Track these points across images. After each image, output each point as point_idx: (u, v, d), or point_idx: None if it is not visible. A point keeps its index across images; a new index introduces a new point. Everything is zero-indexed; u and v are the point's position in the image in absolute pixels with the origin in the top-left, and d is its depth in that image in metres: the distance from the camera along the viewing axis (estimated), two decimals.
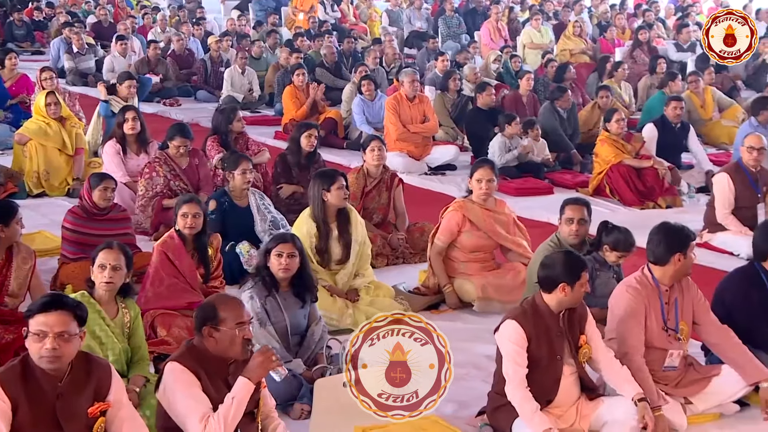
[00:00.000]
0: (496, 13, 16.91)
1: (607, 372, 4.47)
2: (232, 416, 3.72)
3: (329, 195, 6.02)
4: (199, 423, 3.69)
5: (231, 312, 3.85)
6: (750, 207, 7.17)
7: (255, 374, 3.79)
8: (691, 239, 4.66)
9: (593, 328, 4.47)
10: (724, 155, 10.13)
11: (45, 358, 3.46)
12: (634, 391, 4.33)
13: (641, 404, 4.28)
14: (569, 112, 10.35)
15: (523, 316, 4.33)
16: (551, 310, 4.35)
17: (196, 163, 7.72)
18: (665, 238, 4.64)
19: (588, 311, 4.50)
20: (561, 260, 4.40)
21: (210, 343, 3.85)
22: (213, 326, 3.83)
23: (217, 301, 3.95)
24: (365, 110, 10.92)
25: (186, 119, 11.51)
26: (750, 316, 4.81)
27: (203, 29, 17.07)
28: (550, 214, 8.08)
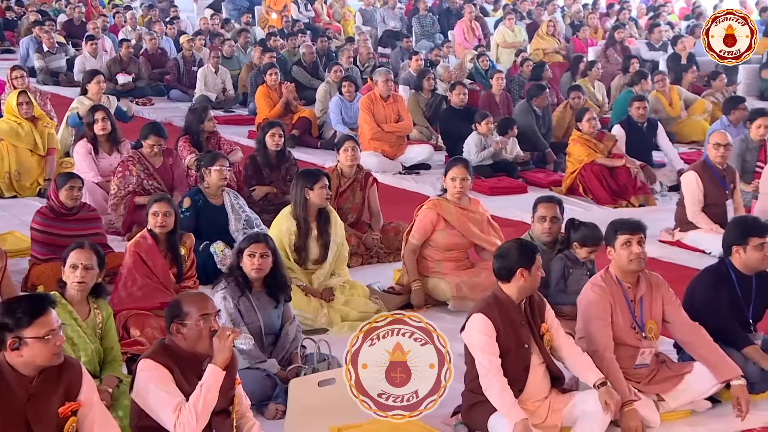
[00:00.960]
0: (469, 13, 16.95)
1: (568, 359, 4.51)
2: (203, 404, 3.72)
3: (312, 194, 6.01)
4: (173, 414, 3.70)
5: (194, 305, 3.87)
6: (719, 204, 7.23)
7: (219, 357, 3.80)
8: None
9: (552, 316, 4.54)
10: (696, 153, 10.21)
11: (57, 355, 3.52)
12: (596, 376, 4.36)
13: (603, 389, 4.31)
14: (544, 110, 10.39)
15: (488, 308, 4.36)
16: (512, 301, 4.40)
17: (170, 163, 7.68)
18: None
19: (545, 300, 4.57)
20: (514, 247, 4.49)
21: (179, 339, 3.86)
22: (179, 322, 3.86)
23: (181, 298, 3.98)
24: (343, 110, 10.91)
25: (159, 118, 11.44)
26: (720, 314, 4.84)
27: (176, 28, 16.98)
28: (524, 212, 8.10)
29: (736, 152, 8.02)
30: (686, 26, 18.20)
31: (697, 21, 18.16)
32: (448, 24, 18.04)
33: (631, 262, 4.64)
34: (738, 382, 4.62)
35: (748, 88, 13.12)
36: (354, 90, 10.97)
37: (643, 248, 4.67)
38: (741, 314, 4.93)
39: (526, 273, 4.36)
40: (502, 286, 4.43)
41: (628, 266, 4.65)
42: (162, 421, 3.76)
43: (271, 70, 11.51)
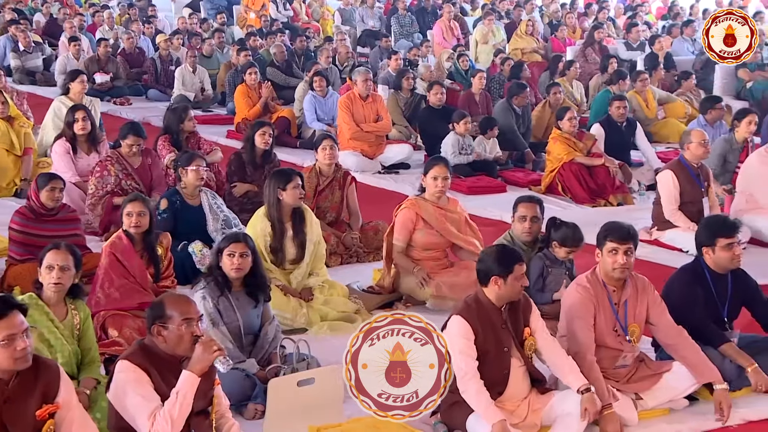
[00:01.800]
0: (448, 12, 16.97)
1: (553, 363, 4.51)
2: (178, 411, 3.69)
3: (285, 194, 6.00)
4: (147, 420, 3.68)
5: (178, 309, 3.83)
6: (695, 202, 7.28)
7: (197, 366, 3.76)
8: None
9: (538, 319, 4.52)
10: (673, 153, 10.26)
11: (21, 359, 3.44)
12: (579, 382, 4.36)
13: (586, 395, 4.32)
14: (523, 110, 10.42)
15: (467, 311, 4.36)
16: (493, 304, 4.39)
17: (149, 163, 7.64)
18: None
19: (532, 304, 4.55)
20: (493, 253, 4.48)
21: (159, 341, 3.83)
22: (161, 324, 3.82)
23: (165, 299, 3.94)
24: (317, 107, 10.91)
25: (137, 118, 11.35)
26: (696, 313, 4.86)
27: (154, 27, 16.90)
28: (503, 212, 8.13)
29: (717, 152, 8.08)
30: (663, 26, 18.31)
31: (674, 21, 18.27)
32: (426, 23, 18.05)
33: (614, 271, 4.65)
34: (721, 387, 4.64)
35: (724, 87, 13.20)
36: (326, 85, 10.96)
37: (629, 258, 4.64)
38: (716, 312, 4.96)
39: (500, 281, 4.35)
40: (483, 288, 4.43)
41: (612, 273, 4.66)
42: (137, 426, 3.73)
43: (250, 69, 11.47)
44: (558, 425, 4.36)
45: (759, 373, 4.76)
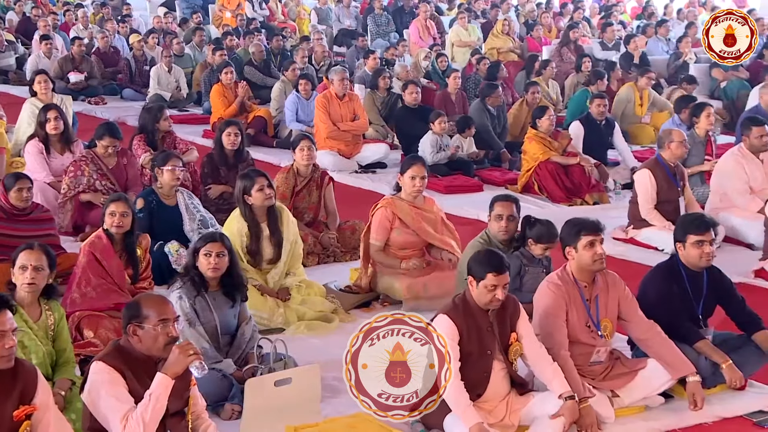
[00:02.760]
0: (424, 12, 16.98)
1: (537, 368, 4.51)
2: (151, 413, 3.66)
3: (251, 198, 5.99)
4: (120, 422, 3.65)
5: (154, 309, 3.80)
6: (672, 201, 7.33)
7: (171, 369, 3.74)
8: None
9: (526, 324, 4.51)
10: (649, 152, 10.33)
11: (5, 358, 3.45)
12: (562, 388, 4.37)
13: (567, 402, 4.33)
14: (499, 109, 10.44)
15: (454, 311, 4.36)
16: (479, 306, 4.38)
17: (125, 163, 7.60)
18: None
19: (521, 308, 4.54)
20: (476, 255, 4.51)
21: (135, 341, 3.81)
22: (137, 324, 3.79)
23: (141, 299, 3.91)
24: (299, 108, 10.90)
25: (112, 118, 11.32)
26: (671, 310, 4.89)
27: (129, 27, 16.81)
28: (480, 211, 8.15)
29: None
30: (638, 26, 18.42)
31: (649, 21, 18.39)
32: (403, 23, 18.06)
33: (595, 263, 4.67)
34: (693, 379, 4.68)
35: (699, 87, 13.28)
36: (311, 88, 10.95)
37: (603, 249, 4.71)
38: (691, 310, 4.98)
39: (474, 283, 4.37)
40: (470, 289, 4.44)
41: (592, 266, 4.68)
42: (110, 428, 3.71)
43: (226, 69, 11.43)
44: (536, 426, 4.37)
45: (733, 370, 4.79)
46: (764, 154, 7.61)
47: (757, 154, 7.59)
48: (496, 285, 4.32)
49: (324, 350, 5.49)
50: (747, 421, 4.74)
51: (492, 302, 4.35)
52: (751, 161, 7.57)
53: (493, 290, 4.32)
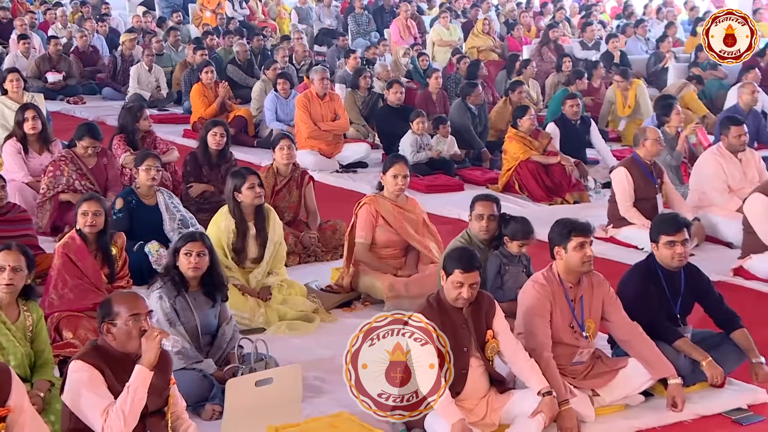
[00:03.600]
0: (405, 11, 16.99)
1: (515, 365, 4.52)
2: (130, 405, 3.66)
3: (241, 195, 5.98)
4: (100, 417, 3.65)
5: (125, 304, 3.81)
6: (649, 199, 7.36)
7: (146, 357, 3.74)
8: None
9: (502, 322, 4.52)
10: (628, 151, 10.37)
11: None
12: (540, 384, 4.38)
13: (546, 398, 4.34)
14: (480, 109, 10.46)
15: (429, 309, 4.36)
16: (453, 305, 4.39)
17: (105, 163, 7.56)
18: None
19: (496, 306, 4.55)
20: (451, 251, 4.53)
21: (109, 339, 3.81)
22: (109, 321, 3.80)
23: (113, 297, 3.92)
24: (278, 108, 10.88)
25: (91, 117, 11.26)
26: (649, 310, 4.90)
27: (107, 26, 16.72)
28: (461, 210, 8.15)
29: None
30: (617, 25, 18.49)
31: (628, 20, 18.46)
32: (383, 22, 18.06)
33: (584, 264, 4.68)
34: (674, 381, 4.70)
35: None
36: (289, 87, 10.94)
37: (592, 251, 4.72)
38: (669, 309, 5.00)
39: (444, 278, 4.39)
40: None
41: (581, 268, 4.69)
42: (92, 424, 3.70)
43: (207, 68, 11.40)
44: (517, 425, 4.38)
45: (714, 367, 4.81)
46: (743, 153, 7.66)
47: (736, 154, 7.63)
48: (462, 282, 4.33)
49: (305, 350, 5.48)
50: (726, 418, 4.77)
51: (458, 299, 4.36)
52: (730, 160, 7.62)
53: (459, 287, 4.33)
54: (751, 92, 9.44)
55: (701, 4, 20.74)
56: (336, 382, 5.05)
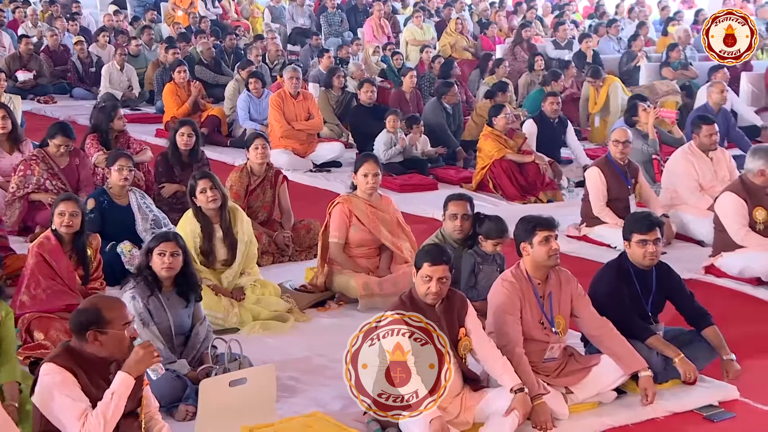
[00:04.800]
0: (378, 10, 16.99)
1: (487, 363, 4.53)
2: (112, 412, 3.64)
3: (197, 200, 5.95)
4: (77, 421, 3.61)
5: (117, 313, 3.78)
6: (622, 199, 7.42)
7: (135, 369, 3.72)
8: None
9: (474, 320, 4.53)
10: (602, 150, 10.43)
11: None
12: (513, 382, 4.40)
13: (518, 395, 4.36)
14: (454, 108, 10.48)
15: (402, 307, 4.36)
16: (425, 301, 4.40)
17: (77, 163, 7.50)
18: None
19: (468, 304, 4.56)
20: (424, 246, 4.55)
21: (95, 346, 3.75)
22: (99, 330, 3.74)
23: (100, 304, 3.84)
24: (251, 107, 10.86)
25: (63, 117, 11.18)
26: (621, 308, 4.93)
27: (78, 25, 16.59)
28: (435, 209, 8.17)
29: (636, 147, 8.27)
30: (589, 25, 18.59)
31: (600, 20, 18.56)
32: (357, 21, 18.05)
33: (550, 258, 4.70)
34: (645, 374, 4.73)
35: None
36: (261, 86, 10.91)
37: (557, 244, 4.75)
38: (641, 307, 5.03)
39: (414, 273, 4.40)
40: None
41: (547, 262, 4.71)
42: (65, 428, 3.66)
43: (179, 68, 11.34)
44: (491, 423, 4.39)
45: (686, 363, 4.85)
46: (713, 152, 7.73)
47: (707, 153, 7.70)
48: (431, 276, 4.34)
49: (279, 350, 5.47)
50: (697, 415, 4.81)
51: (427, 294, 4.36)
52: (701, 159, 7.68)
53: (428, 281, 4.35)
54: (720, 91, 9.52)
55: (672, 4, 20.89)
56: (310, 382, 5.07)
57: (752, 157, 6.63)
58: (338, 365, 5.26)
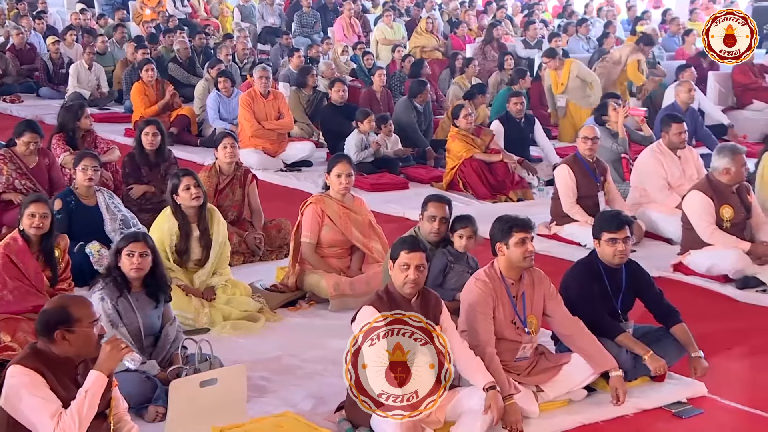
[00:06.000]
0: (349, 10, 16.98)
1: (460, 362, 4.53)
2: (86, 410, 3.61)
3: (178, 198, 5.92)
4: (51, 420, 3.58)
5: (84, 311, 3.74)
6: (591, 196, 7.47)
7: (106, 365, 3.69)
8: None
9: (448, 319, 4.53)
10: (571, 148, 10.47)
11: None
12: (485, 380, 4.41)
13: (490, 393, 4.36)
14: (425, 107, 10.50)
15: (379, 302, 4.36)
16: (403, 296, 4.40)
17: (47, 164, 7.42)
18: None
19: (443, 304, 4.56)
20: (394, 242, 4.53)
21: (63, 346, 3.71)
22: (67, 329, 3.70)
23: (67, 303, 3.81)
24: (221, 106, 10.82)
25: (29, 116, 11.02)
26: (591, 306, 4.95)
27: (45, 23, 16.43)
28: (406, 208, 8.20)
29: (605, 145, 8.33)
30: (558, 24, 18.68)
31: (569, 19, 18.67)
32: (327, 20, 18.02)
33: (525, 260, 4.71)
34: (616, 374, 4.76)
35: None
36: (231, 85, 10.88)
37: (533, 246, 4.76)
38: (611, 305, 5.06)
39: (391, 266, 4.40)
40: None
41: (522, 263, 4.72)
42: (36, 428, 3.62)
43: (147, 66, 11.26)
44: (462, 422, 4.39)
45: (656, 359, 4.88)
46: (682, 150, 7.79)
47: (675, 151, 7.76)
48: (409, 264, 4.35)
49: (250, 350, 5.45)
50: (666, 412, 4.85)
51: (406, 283, 4.36)
52: (669, 158, 7.74)
53: (406, 270, 4.35)
54: (688, 90, 9.61)
55: (640, 4, 21.04)
56: (281, 382, 5.06)
57: (718, 156, 6.69)
58: (309, 365, 5.30)
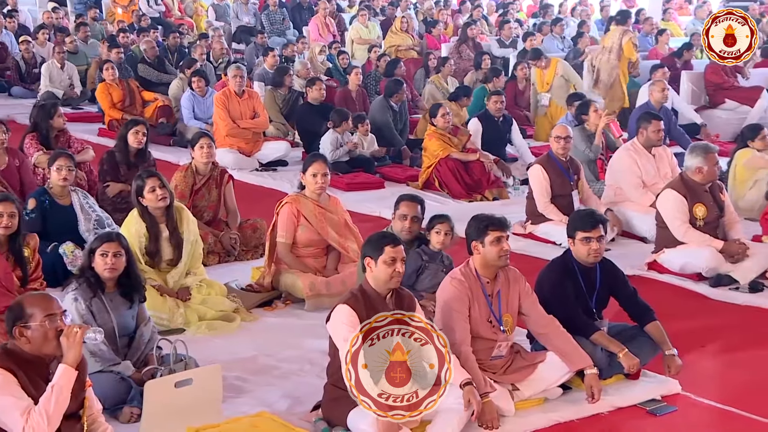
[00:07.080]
0: (324, 9, 16.95)
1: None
2: (54, 405, 3.59)
3: (144, 200, 5.89)
4: (21, 417, 3.56)
5: (38, 306, 3.72)
6: (565, 195, 7.50)
7: (70, 356, 3.67)
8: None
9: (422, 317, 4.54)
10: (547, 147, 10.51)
11: None
12: (461, 377, 4.41)
13: (467, 388, 4.37)
14: (401, 106, 10.50)
15: (353, 300, 4.36)
16: (378, 294, 4.40)
17: (17, 164, 7.36)
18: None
19: (417, 302, 4.57)
20: (367, 241, 4.53)
21: (23, 342, 3.70)
22: (23, 325, 3.69)
23: (23, 299, 3.80)
24: (195, 106, 10.78)
25: (1, 116, 10.95)
26: (566, 305, 4.97)
27: (16, 22, 16.29)
28: (382, 207, 8.19)
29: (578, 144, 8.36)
30: (534, 23, 18.75)
31: (544, 19, 18.73)
32: (302, 19, 17.98)
33: (500, 258, 4.73)
34: (591, 372, 4.77)
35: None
36: (205, 85, 10.84)
37: (509, 245, 4.78)
38: (585, 303, 5.08)
39: (372, 263, 4.39)
40: (365, 276, 4.45)
41: (497, 262, 4.73)
42: (8, 428, 3.60)
43: (106, 65, 11.22)
44: (439, 420, 4.39)
45: (630, 357, 4.91)
46: (656, 149, 7.84)
47: (650, 149, 7.81)
48: (395, 257, 4.35)
49: (226, 350, 5.44)
50: (641, 409, 4.87)
51: (393, 278, 4.36)
52: (644, 156, 7.79)
53: (392, 264, 4.34)
54: (662, 89, 9.66)
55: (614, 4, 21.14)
56: (257, 382, 5.04)
57: (690, 155, 6.74)
58: (285, 365, 5.29)
